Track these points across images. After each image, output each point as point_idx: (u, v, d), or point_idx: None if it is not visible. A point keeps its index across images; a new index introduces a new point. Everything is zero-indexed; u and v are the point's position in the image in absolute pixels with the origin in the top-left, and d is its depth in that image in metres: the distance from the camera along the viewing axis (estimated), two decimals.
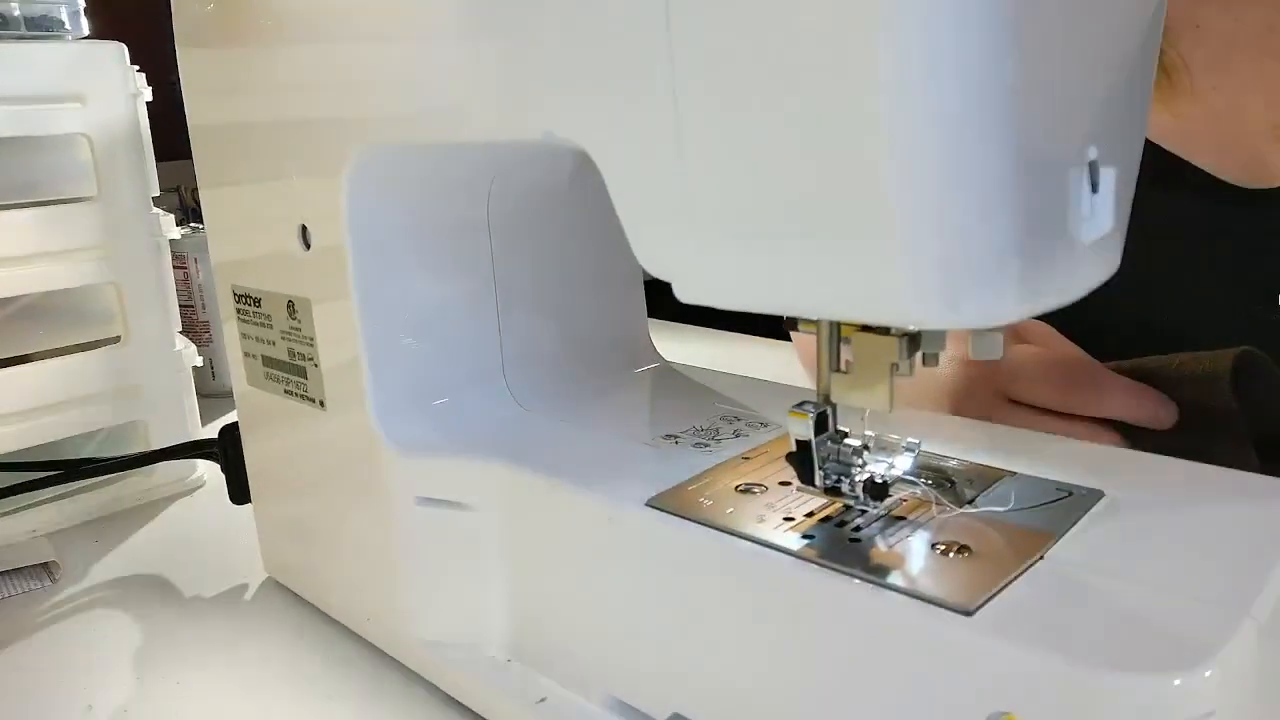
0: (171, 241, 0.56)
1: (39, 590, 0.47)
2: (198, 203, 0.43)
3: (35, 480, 0.50)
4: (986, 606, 0.23)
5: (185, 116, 0.42)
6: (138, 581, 0.47)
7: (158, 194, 0.56)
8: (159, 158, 0.55)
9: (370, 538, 0.37)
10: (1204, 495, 0.28)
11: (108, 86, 0.53)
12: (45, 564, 0.48)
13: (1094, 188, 0.21)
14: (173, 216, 0.56)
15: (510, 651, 0.35)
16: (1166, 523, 0.27)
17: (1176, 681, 0.20)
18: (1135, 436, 0.41)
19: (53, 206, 0.52)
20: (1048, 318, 0.46)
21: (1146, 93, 0.25)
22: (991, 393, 0.44)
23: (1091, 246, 0.22)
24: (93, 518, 0.55)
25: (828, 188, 0.21)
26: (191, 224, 0.77)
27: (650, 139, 0.23)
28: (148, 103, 0.55)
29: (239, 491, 0.46)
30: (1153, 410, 0.41)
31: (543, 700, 0.32)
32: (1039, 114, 0.19)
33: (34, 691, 0.38)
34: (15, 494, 0.49)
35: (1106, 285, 0.23)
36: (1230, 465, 0.29)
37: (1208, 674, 0.20)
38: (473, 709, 0.35)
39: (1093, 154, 0.21)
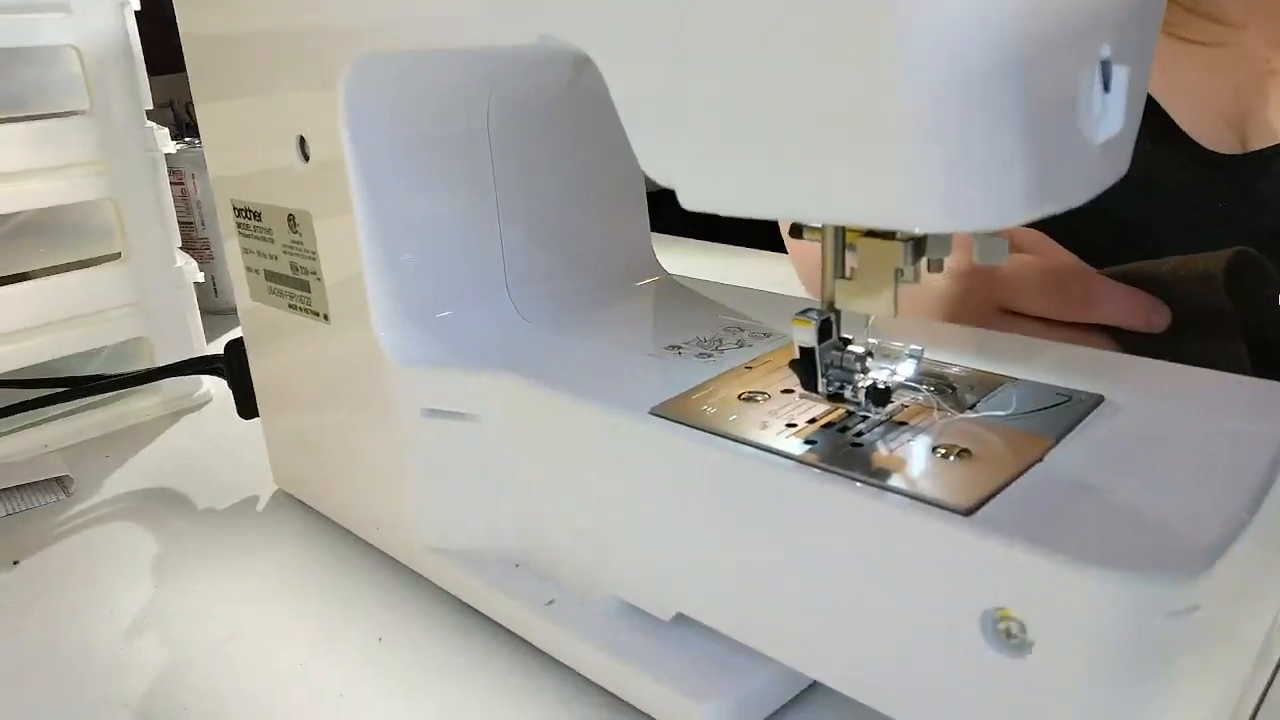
0: (168, 157, 0.56)
1: (54, 504, 0.48)
2: (192, 118, 0.42)
3: (43, 397, 0.50)
4: (984, 507, 0.23)
5: (176, 28, 0.41)
6: (150, 495, 0.48)
7: (151, 107, 0.55)
8: (151, 72, 0.54)
9: (377, 449, 0.38)
10: (1202, 399, 0.29)
11: None
12: (59, 478, 0.49)
13: (1105, 87, 0.21)
14: (167, 131, 0.55)
15: (518, 556, 0.36)
16: (1164, 426, 0.27)
17: (1166, 577, 0.21)
18: (1129, 341, 0.42)
19: (44, 121, 0.51)
20: (1042, 225, 0.46)
21: None
22: (986, 303, 0.44)
23: (1101, 147, 0.21)
24: (102, 434, 0.55)
25: (831, 89, 0.20)
26: (186, 139, 0.76)
27: (651, 40, 0.23)
28: (136, 13, 0.54)
29: (246, 406, 0.47)
30: (1145, 315, 0.41)
31: (551, 602, 0.33)
32: (1051, 8, 0.19)
33: (56, 600, 0.40)
34: (23, 410, 0.50)
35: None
36: (1224, 368, 0.30)
37: (1196, 570, 0.21)
38: (482, 611, 0.36)
39: (1105, 52, 0.21)
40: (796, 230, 0.28)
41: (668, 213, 0.32)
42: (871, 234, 0.25)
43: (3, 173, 0.50)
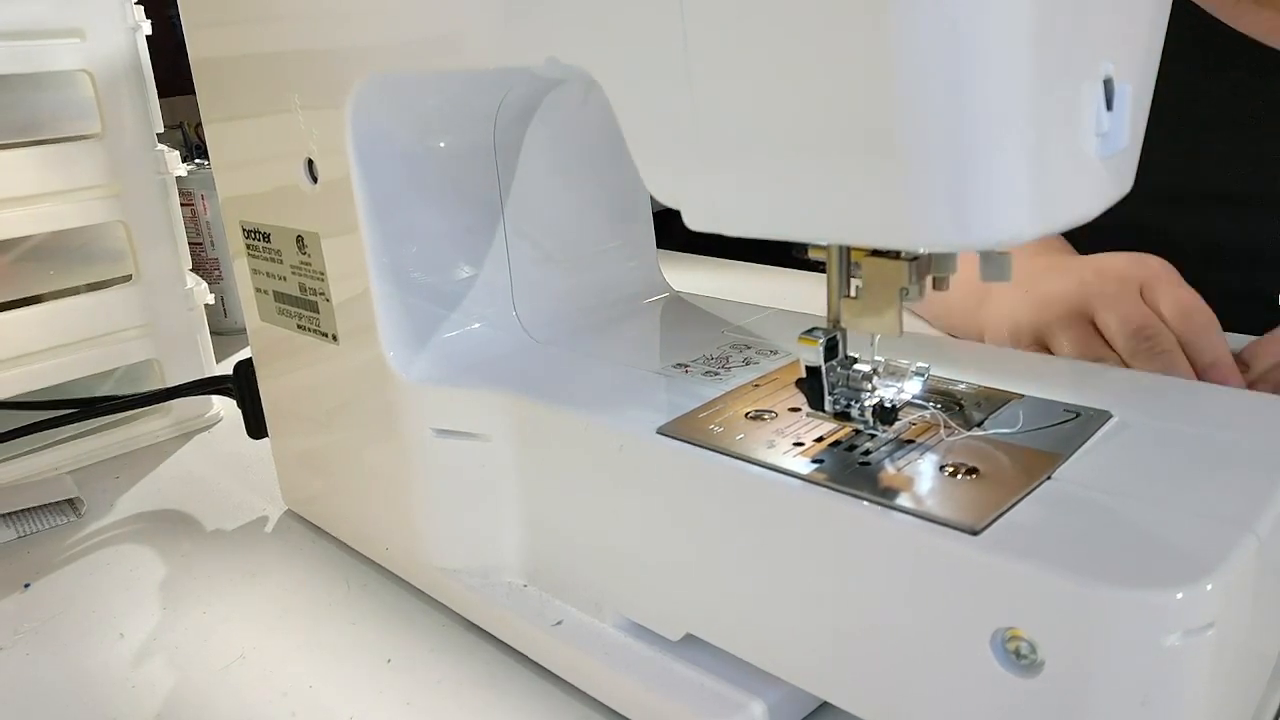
0: (178, 179, 0.56)
1: (64, 526, 0.48)
2: (201, 139, 0.43)
3: (54, 419, 0.51)
4: (993, 526, 0.23)
5: (185, 51, 0.41)
6: (160, 516, 0.48)
7: (161, 130, 0.55)
8: (160, 94, 0.55)
9: (386, 469, 0.38)
10: (1211, 415, 0.28)
11: (107, 20, 0.52)
12: (70, 500, 0.49)
13: (1108, 104, 0.21)
14: (177, 153, 0.56)
15: (527, 576, 0.35)
16: (1173, 443, 0.27)
17: (1178, 595, 0.21)
18: None
19: (57, 145, 0.52)
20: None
21: (1164, 9, 0.24)
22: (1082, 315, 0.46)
23: (1105, 164, 0.21)
24: (113, 455, 0.56)
25: (836, 110, 0.20)
26: (196, 160, 0.76)
27: (657, 63, 0.23)
28: (147, 37, 0.54)
29: (256, 426, 0.47)
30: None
31: (559, 623, 0.33)
32: (1053, 28, 0.19)
33: (66, 621, 0.40)
34: (34, 432, 0.50)
35: None
36: None
37: (1209, 588, 0.21)
38: (491, 632, 0.36)
39: (1108, 70, 0.21)
40: (803, 249, 0.28)
41: (674, 229, 0.32)
42: (876, 253, 0.25)
43: (15, 196, 0.51)
